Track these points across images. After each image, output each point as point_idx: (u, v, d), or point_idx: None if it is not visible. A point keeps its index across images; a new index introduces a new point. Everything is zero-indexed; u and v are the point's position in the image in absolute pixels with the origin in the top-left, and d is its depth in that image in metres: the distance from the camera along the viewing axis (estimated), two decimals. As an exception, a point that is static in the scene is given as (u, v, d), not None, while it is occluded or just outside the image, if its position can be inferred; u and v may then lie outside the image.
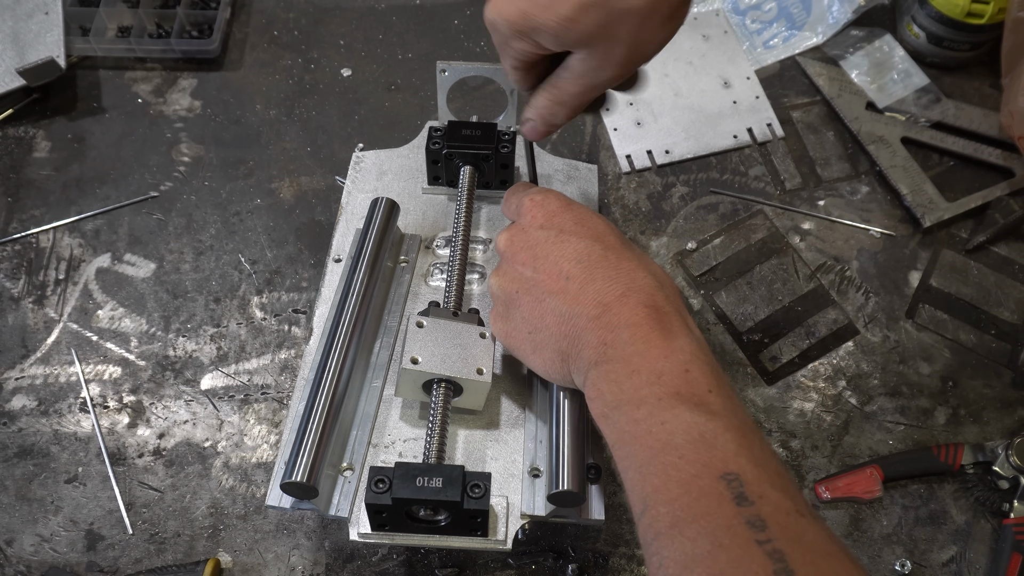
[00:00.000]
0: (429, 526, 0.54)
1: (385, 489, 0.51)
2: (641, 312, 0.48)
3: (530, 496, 0.57)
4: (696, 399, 0.44)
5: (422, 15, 0.98)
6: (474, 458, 0.59)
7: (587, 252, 0.52)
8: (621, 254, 0.52)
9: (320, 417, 0.55)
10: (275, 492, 0.56)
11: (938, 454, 0.68)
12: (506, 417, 0.61)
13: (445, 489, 0.51)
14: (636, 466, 0.44)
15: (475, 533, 0.54)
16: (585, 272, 0.51)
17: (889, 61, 0.92)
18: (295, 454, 0.53)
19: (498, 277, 0.56)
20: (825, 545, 0.38)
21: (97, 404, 0.72)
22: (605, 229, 0.54)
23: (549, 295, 0.51)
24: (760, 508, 0.38)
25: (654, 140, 0.88)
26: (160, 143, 0.88)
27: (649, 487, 0.42)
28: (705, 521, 0.39)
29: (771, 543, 0.37)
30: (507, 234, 0.57)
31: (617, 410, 0.46)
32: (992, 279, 0.79)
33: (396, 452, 0.59)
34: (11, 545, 0.66)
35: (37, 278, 0.79)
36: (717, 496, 0.39)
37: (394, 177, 0.74)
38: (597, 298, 0.49)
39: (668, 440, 0.42)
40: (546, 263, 0.52)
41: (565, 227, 0.54)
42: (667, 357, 0.46)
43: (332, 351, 0.58)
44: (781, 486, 0.40)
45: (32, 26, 0.91)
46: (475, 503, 0.51)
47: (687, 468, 0.41)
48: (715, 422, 0.42)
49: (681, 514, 0.40)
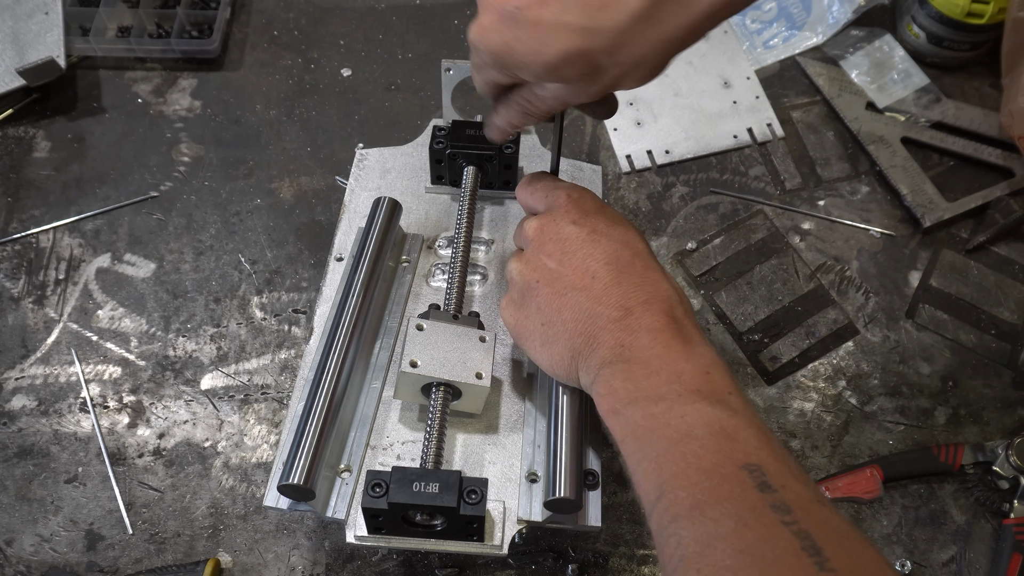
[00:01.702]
0: (426, 530, 0.54)
1: (382, 493, 0.51)
2: (662, 319, 0.48)
3: (527, 501, 0.57)
4: (717, 396, 0.44)
5: (422, 15, 0.98)
6: (472, 462, 0.59)
7: (616, 255, 0.52)
8: (648, 263, 0.52)
9: (318, 419, 0.55)
10: (272, 493, 0.56)
11: (938, 454, 0.68)
12: (505, 421, 0.61)
13: (441, 495, 0.51)
14: (652, 456, 0.43)
15: (471, 538, 0.54)
16: (612, 275, 0.51)
17: (889, 61, 0.92)
18: (293, 456, 0.53)
19: (520, 263, 0.55)
20: (849, 530, 0.38)
21: (97, 404, 0.72)
22: (635, 236, 0.54)
23: (572, 290, 0.51)
24: (784, 495, 0.38)
25: (654, 140, 0.88)
26: (160, 143, 0.88)
27: (667, 473, 0.42)
28: (729, 504, 0.39)
29: (797, 524, 0.37)
30: (537, 223, 0.56)
31: (632, 405, 0.46)
32: (992, 279, 0.79)
33: (394, 455, 0.59)
34: (11, 545, 0.66)
35: (37, 278, 0.79)
36: (740, 482, 0.39)
37: (397, 175, 0.74)
38: (621, 301, 0.50)
39: (688, 431, 0.42)
40: (574, 259, 0.52)
41: (598, 227, 0.54)
42: (688, 360, 0.46)
43: (332, 352, 0.58)
44: (803, 480, 0.40)
45: (32, 26, 0.91)
46: (471, 509, 0.51)
47: (708, 456, 0.41)
48: (736, 419, 0.43)
49: (703, 497, 0.39)
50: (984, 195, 0.83)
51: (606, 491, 0.65)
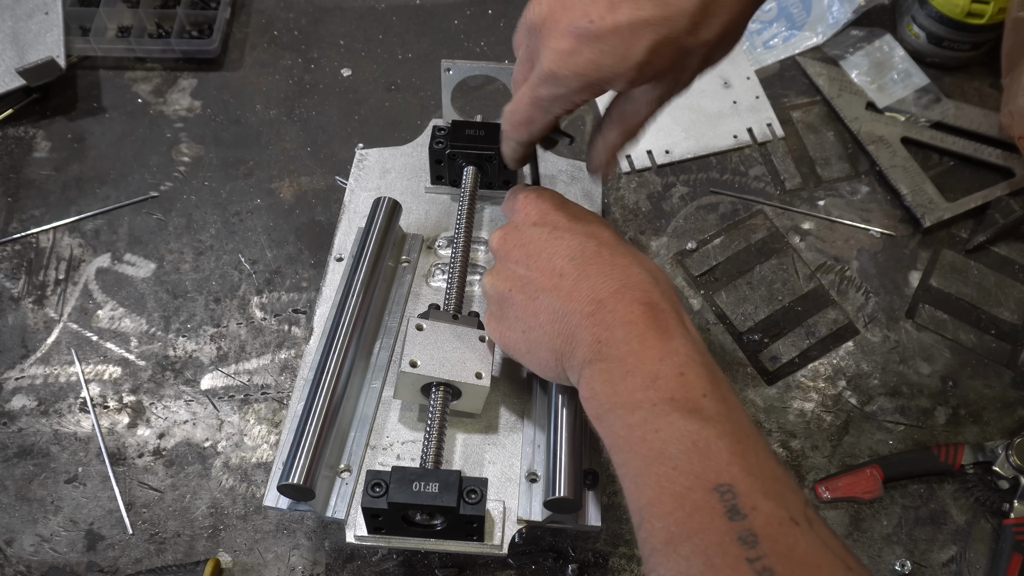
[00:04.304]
0: (426, 530, 0.54)
1: (381, 493, 0.51)
2: (637, 309, 0.47)
3: (527, 501, 0.57)
4: (691, 404, 0.44)
5: (422, 15, 0.98)
6: (472, 462, 0.59)
7: (581, 248, 0.51)
8: (616, 250, 0.51)
9: (318, 419, 0.55)
10: (272, 493, 0.56)
11: (938, 454, 0.68)
12: (504, 421, 0.61)
13: (441, 494, 0.50)
14: (632, 475, 0.44)
15: (471, 538, 0.54)
16: (578, 268, 0.50)
17: (889, 61, 0.92)
18: (292, 456, 0.53)
19: (491, 276, 0.55)
20: (817, 555, 0.39)
21: (97, 404, 0.72)
22: (599, 226, 0.54)
23: (542, 292, 0.51)
24: (752, 521, 0.39)
25: (654, 140, 0.88)
26: (160, 143, 0.88)
27: (644, 499, 0.42)
28: (698, 539, 0.39)
29: (761, 560, 0.37)
30: (500, 232, 0.56)
31: (612, 413, 0.46)
32: (992, 279, 0.79)
33: (394, 455, 0.59)
34: (11, 545, 0.66)
35: (37, 278, 0.79)
36: (710, 511, 0.40)
37: (397, 176, 0.74)
38: (591, 295, 0.49)
39: (662, 449, 0.42)
40: (539, 260, 0.52)
41: (559, 224, 0.53)
42: (662, 359, 0.45)
43: (332, 351, 0.58)
44: (775, 493, 0.40)
45: (32, 26, 0.91)
46: (471, 509, 0.51)
47: (681, 480, 0.41)
48: (709, 429, 0.42)
49: (675, 530, 0.40)
50: (984, 195, 0.83)
51: (606, 491, 0.65)
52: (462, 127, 0.69)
